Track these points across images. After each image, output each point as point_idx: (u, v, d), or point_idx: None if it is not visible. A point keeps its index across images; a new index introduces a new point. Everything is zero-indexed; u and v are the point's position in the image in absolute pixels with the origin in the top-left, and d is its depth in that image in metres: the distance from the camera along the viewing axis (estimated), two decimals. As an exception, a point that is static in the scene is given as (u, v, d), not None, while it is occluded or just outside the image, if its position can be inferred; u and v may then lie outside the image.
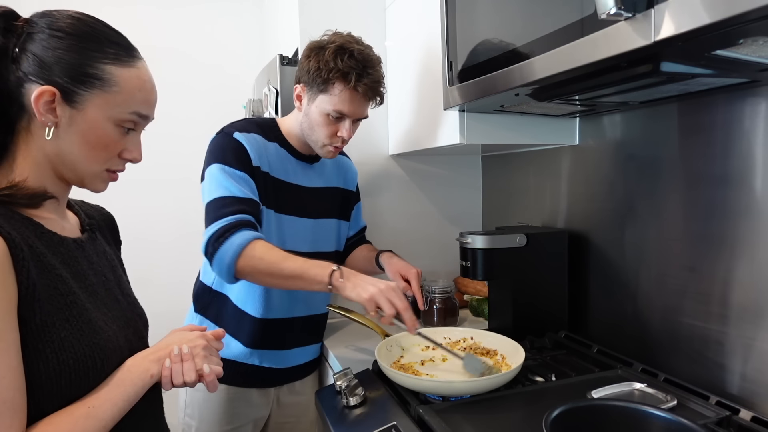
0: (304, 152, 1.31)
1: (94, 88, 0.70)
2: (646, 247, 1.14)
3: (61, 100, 0.69)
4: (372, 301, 1.03)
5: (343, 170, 1.44)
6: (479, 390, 0.96)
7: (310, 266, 1.08)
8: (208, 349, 0.80)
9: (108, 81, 0.71)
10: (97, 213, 0.90)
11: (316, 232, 1.33)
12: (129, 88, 0.73)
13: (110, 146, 0.74)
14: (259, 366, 1.28)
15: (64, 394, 0.66)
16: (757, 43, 0.62)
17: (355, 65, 1.16)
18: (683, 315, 1.06)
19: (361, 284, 1.05)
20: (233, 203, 1.13)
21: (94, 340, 0.70)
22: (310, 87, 1.21)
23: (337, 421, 0.96)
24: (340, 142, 1.24)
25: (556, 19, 0.78)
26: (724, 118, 0.95)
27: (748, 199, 0.92)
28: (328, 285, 1.06)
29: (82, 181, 0.76)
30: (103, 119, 0.72)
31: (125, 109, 0.73)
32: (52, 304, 0.66)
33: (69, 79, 0.69)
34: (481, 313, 1.61)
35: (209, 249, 1.10)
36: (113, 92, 0.71)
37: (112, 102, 0.72)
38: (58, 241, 0.72)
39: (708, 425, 0.83)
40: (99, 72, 0.70)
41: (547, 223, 1.49)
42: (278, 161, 1.26)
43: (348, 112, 1.20)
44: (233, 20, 2.34)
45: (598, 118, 1.28)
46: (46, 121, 0.69)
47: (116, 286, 0.82)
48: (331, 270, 1.06)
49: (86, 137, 0.71)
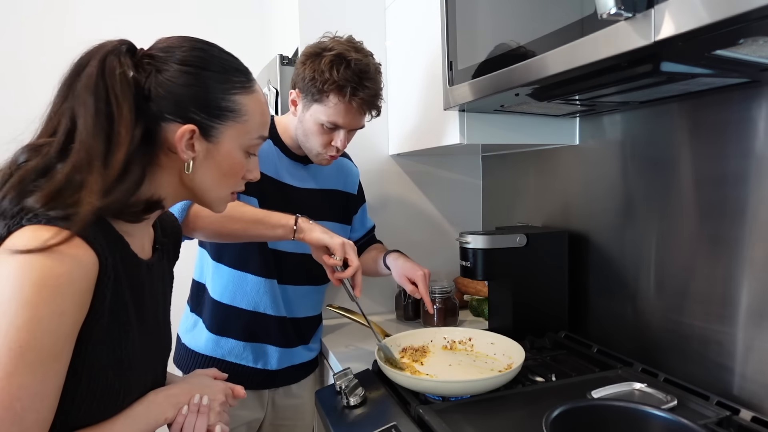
0: (299, 153, 1.28)
1: (228, 120, 0.71)
2: (646, 247, 1.14)
3: (199, 136, 0.69)
4: (343, 247, 1.07)
5: (343, 173, 1.41)
6: (479, 390, 0.96)
7: (273, 213, 1.09)
8: (224, 406, 0.80)
9: (239, 111, 0.72)
10: (170, 225, 0.88)
11: None
12: (255, 114, 0.74)
13: (239, 172, 0.76)
14: (252, 367, 1.27)
15: (79, 418, 0.65)
16: (757, 43, 0.62)
17: (351, 77, 1.12)
18: (683, 315, 1.06)
19: (330, 231, 1.08)
20: None
21: (126, 374, 0.69)
22: (305, 95, 1.17)
23: (337, 421, 0.96)
24: (335, 151, 1.21)
25: (556, 19, 0.78)
26: (725, 118, 0.95)
27: (748, 199, 0.92)
28: (293, 227, 1.06)
29: (210, 205, 0.77)
30: (236, 148, 0.73)
31: (254, 135, 0.75)
32: (108, 332, 0.65)
33: (206, 115, 0.69)
34: (481, 313, 1.61)
35: None
36: (243, 121, 0.72)
37: (243, 131, 0.73)
38: (135, 264, 0.71)
39: (708, 425, 0.83)
40: (231, 104, 0.71)
41: (547, 223, 1.49)
42: (271, 160, 1.24)
43: (342, 124, 1.17)
44: (233, 20, 2.34)
45: (598, 118, 1.28)
46: (186, 158, 0.69)
47: (162, 311, 0.82)
48: (297, 215, 1.07)
49: (221, 167, 0.73)
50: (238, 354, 1.26)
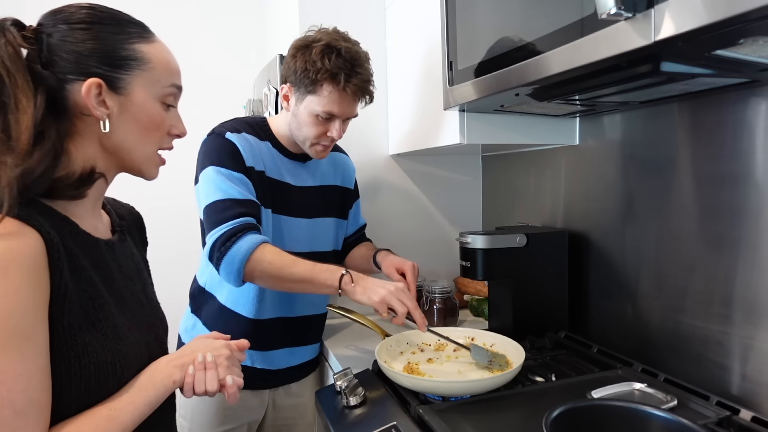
0: (295, 151, 1.29)
1: (134, 69, 0.70)
2: (646, 247, 1.14)
3: (107, 90, 0.69)
4: (383, 303, 1.05)
5: (340, 168, 1.42)
6: (479, 390, 0.96)
7: (320, 270, 1.09)
8: (231, 359, 0.80)
9: (142, 59, 0.71)
10: (127, 213, 0.89)
11: (312, 231, 1.33)
12: (161, 61, 0.74)
13: (161, 124, 0.75)
14: (252, 367, 1.26)
15: (82, 398, 0.65)
16: (757, 43, 0.62)
17: (343, 65, 1.13)
18: (683, 315, 1.06)
19: (371, 287, 1.07)
20: (234, 206, 1.12)
21: (117, 347, 0.69)
22: (297, 87, 1.18)
23: (337, 421, 0.96)
24: (330, 141, 1.22)
25: (556, 19, 0.78)
26: (725, 118, 0.95)
27: (748, 198, 0.92)
28: (338, 289, 1.07)
29: (139, 168, 0.76)
30: (150, 98, 0.72)
31: (165, 83, 0.74)
32: (81, 308, 0.66)
33: (108, 67, 0.69)
34: (481, 313, 1.61)
35: (215, 254, 1.09)
36: (149, 68, 0.72)
37: (152, 79, 0.72)
38: (91, 243, 0.72)
39: (708, 425, 0.83)
40: (132, 53, 0.70)
41: (547, 223, 1.49)
42: (270, 160, 1.25)
43: (337, 113, 1.18)
44: (233, 20, 2.34)
45: (598, 118, 1.28)
46: (100, 114, 0.68)
47: (141, 290, 0.82)
48: (341, 274, 1.07)
49: (138, 120, 0.72)
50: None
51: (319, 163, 1.35)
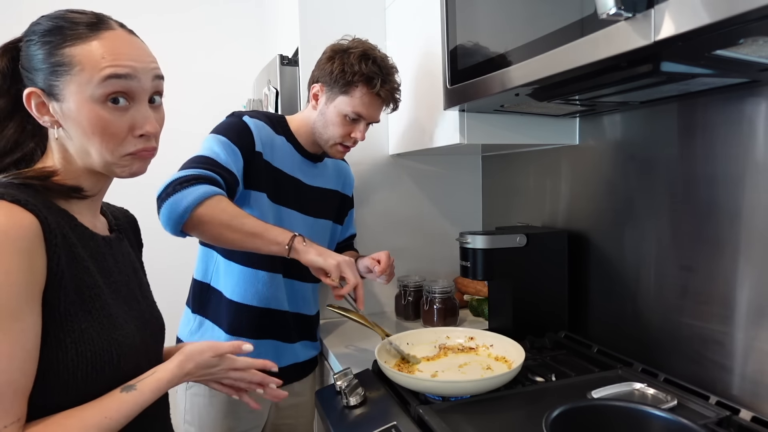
0: (311, 150, 1.33)
1: (63, 75, 0.68)
2: (646, 247, 1.14)
3: (48, 98, 0.69)
4: (339, 268, 1.07)
5: (342, 175, 1.46)
6: (479, 390, 0.96)
7: (272, 228, 1.09)
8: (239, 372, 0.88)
9: (69, 63, 0.68)
10: (122, 215, 0.91)
11: (313, 230, 1.34)
12: (91, 60, 0.68)
13: (108, 127, 0.69)
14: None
15: (78, 386, 0.66)
16: (757, 43, 0.62)
17: (378, 71, 1.22)
18: (683, 315, 1.06)
19: (326, 252, 1.10)
20: (213, 164, 1.11)
21: (113, 335, 0.70)
22: (330, 87, 1.24)
23: (337, 421, 0.96)
24: (352, 142, 1.28)
25: (556, 19, 0.78)
26: (724, 118, 0.95)
27: (748, 198, 0.92)
28: (286, 246, 1.06)
29: (109, 169, 0.73)
30: (85, 102, 0.68)
31: (94, 81, 0.68)
32: (77, 295, 0.67)
33: (44, 76, 0.69)
34: (481, 313, 1.61)
35: (168, 190, 1.04)
36: (77, 72, 0.68)
37: (81, 81, 0.68)
38: (89, 236, 0.73)
39: (708, 425, 0.83)
40: (60, 58, 0.68)
41: (547, 223, 1.49)
42: (283, 154, 1.28)
43: (366, 115, 1.25)
44: (233, 20, 2.34)
45: (598, 118, 1.28)
46: (44, 123, 0.70)
47: (137, 287, 0.82)
48: (293, 234, 1.08)
49: (81, 126, 0.69)
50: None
51: (326, 166, 1.39)
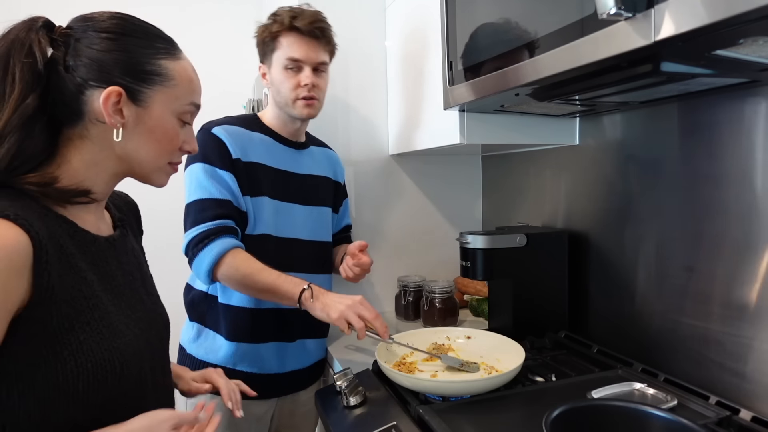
0: (290, 137, 1.32)
1: (156, 84, 0.72)
2: (646, 247, 1.14)
3: (126, 100, 0.70)
4: (342, 320, 1.07)
5: (332, 162, 1.45)
6: (479, 390, 0.96)
7: (283, 282, 1.11)
8: None
9: (166, 76, 0.73)
10: (123, 202, 0.90)
11: (314, 219, 1.33)
12: (184, 80, 0.75)
13: (174, 140, 0.76)
14: (258, 373, 1.25)
15: (81, 397, 0.65)
16: (757, 43, 0.62)
17: (289, 12, 1.22)
18: (683, 315, 1.06)
19: (330, 303, 1.09)
20: (213, 206, 1.15)
21: (114, 344, 0.69)
22: (265, 56, 1.27)
23: (337, 421, 0.96)
24: (307, 90, 1.24)
25: (556, 19, 0.78)
26: (724, 118, 0.95)
27: (748, 198, 0.92)
28: (296, 303, 1.10)
29: (148, 176, 0.77)
30: (167, 114, 0.74)
31: (184, 101, 0.76)
32: (73, 307, 0.66)
33: (131, 79, 0.70)
34: (481, 313, 1.61)
35: (189, 253, 1.16)
36: (172, 86, 0.73)
37: (172, 96, 0.74)
38: (90, 240, 0.72)
39: (708, 425, 0.83)
40: (157, 68, 0.72)
41: (547, 223, 1.49)
42: (265, 149, 1.27)
43: (301, 57, 1.22)
44: (233, 20, 2.34)
45: (598, 118, 1.28)
46: (114, 122, 0.70)
47: (141, 285, 0.82)
48: (302, 289, 1.10)
49: (153, 133, 0.73)
50: (252, 359, 1.25)
51: (312, 153, 1.38)
